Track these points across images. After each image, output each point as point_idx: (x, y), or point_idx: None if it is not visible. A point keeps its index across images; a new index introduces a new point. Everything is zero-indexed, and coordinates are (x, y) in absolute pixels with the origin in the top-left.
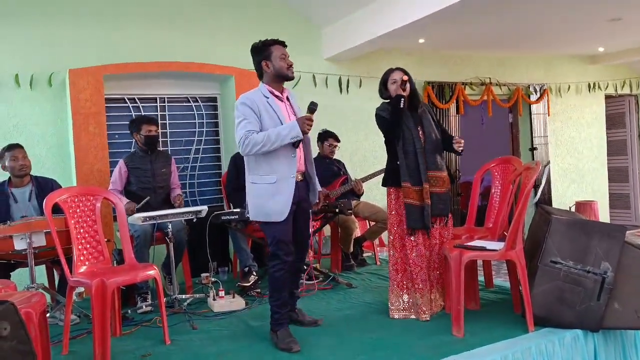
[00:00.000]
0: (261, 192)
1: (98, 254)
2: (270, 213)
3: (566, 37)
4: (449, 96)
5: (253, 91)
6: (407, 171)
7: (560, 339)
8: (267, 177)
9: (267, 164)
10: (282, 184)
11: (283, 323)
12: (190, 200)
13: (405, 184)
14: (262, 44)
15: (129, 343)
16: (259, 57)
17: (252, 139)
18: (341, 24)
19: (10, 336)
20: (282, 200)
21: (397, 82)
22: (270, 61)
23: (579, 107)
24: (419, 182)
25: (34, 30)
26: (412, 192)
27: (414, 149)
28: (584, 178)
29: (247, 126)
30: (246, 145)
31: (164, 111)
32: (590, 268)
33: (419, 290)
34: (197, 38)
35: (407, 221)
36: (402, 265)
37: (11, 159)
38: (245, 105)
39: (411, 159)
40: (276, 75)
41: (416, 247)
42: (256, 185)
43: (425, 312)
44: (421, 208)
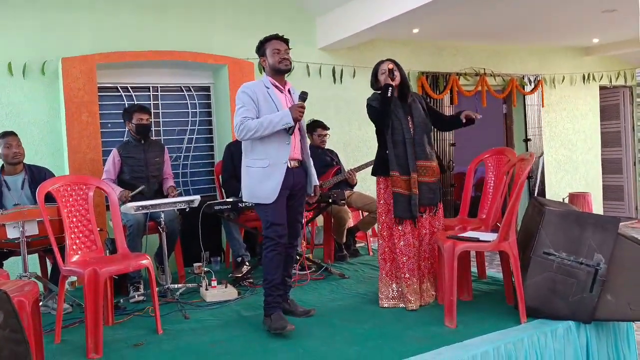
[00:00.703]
0: (254, 175)
1: (91, 243)
2: (261, 195)
3: (561, 28)
4: (442, 86)
5: (256, 81)
6: (396, 160)
7: (552, 331)
8: (260, 161)
9: (262, 149)
10: (274, 169)
11: (276, 307)
12: (182, 189)
13: (393, 173)
14: (259, 42)
15: (121, 332)
16: (258, 53)
17: (246, 125)
18: (335, 14)
19: (2, 325)
20: (272, 184)
21: (385, 72)
22: (265, 57)
23: (573, 98)
24: (407, 171)
25: (27, 18)
26: (400, 182)
27: (402, 138)
28: (578, 169)
29: (244, 113)
30: (241, 130)
31: (157, 100)
32: (583, 260)
33: (405, 280)
34: (191, 27)
35: (395, 210)
36: (390, 255)
37: (5, 146)
38: (245, 94)
39: (400, 149)
40: (272, 69)
41: (404, 237)
42: (250, 168)
43: (411, 301)
44: (408, 197)
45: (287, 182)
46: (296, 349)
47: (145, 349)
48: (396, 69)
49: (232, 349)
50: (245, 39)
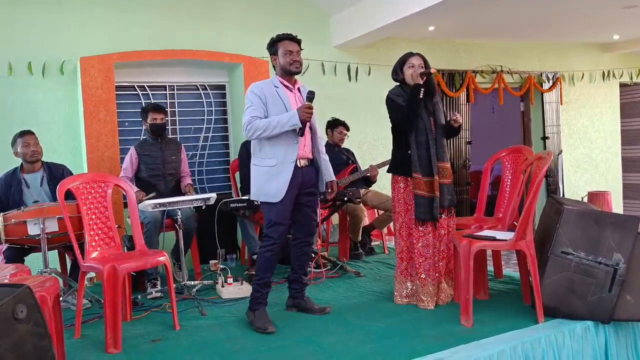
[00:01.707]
0: (261, 174)
1: (109, 240)
2: (267, 193)
3: (580, 24)
4: (459, 84)
5: (265, 80)
6: (419, 162)
7: (570, 330)
8: (267, 160)
9: (270, 148)
10: (281, 168)
11: (262, 303)
12: (199, 187)
13: (416, 175)
14: (272, 40)
15: (139, 328)
16: (270, 52)
17: (254, 125)
18: (350, 12)
19: (26, 319)
20: (279, 183)
21: (414, 67)
22: (277, 56)
23: (593, 95)
24: (429, 173)
25: (47, 18)
26: (423, 183)
27: (426, 139)
28: (597, 168)
29: (252, 112)
30: (249, 130)
31: (174, 99)
32: (602, 259)
33: (421, 281)
34: (207, 26)
35: (416, 212)
36: (407, 254)
37: (23, 145)
38: (254, 93)
39: (423, 150)
40: (283, 70)
41: (423, 238)
42: (257, 167)
43: (424, 301)
44: (431, 200)
45: (296, 181)
46: (312, 346)
47: (163, 345)
48: (422, 64)
49: (248, 345)
50: (261, 37)
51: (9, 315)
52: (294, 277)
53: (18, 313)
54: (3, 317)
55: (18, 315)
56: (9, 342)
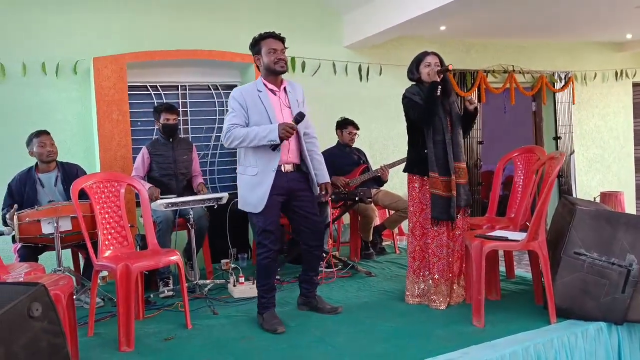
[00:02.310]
0: (243, 184)
1: (122, 239)
2: (250, 203)
3: (593, 23)
4: (470, 84)
5: (248, 85)
6: (436, 161)
7: (583, 332)
8: (249, 168)
9: (252, 157)
10: (262, 177)
11: (269, 306)
12: (210, 187)
13: (432, 174)
14: (254, 39)
15: (151, 326)
16: (252, 52)
17: (233, 133)
18: (362, 12)
19: (41, 317)
20: (260, 193)
21: (430, 65)
22: (260, 56)
23: (605, 95)
24: (446, 172)
25: (60, 19)
26: (439, 183)
27: (443, 138)
28: (610, 168)
29: (232, 120)
30: (227, 137)
31: (185, 99)
32: (615, 260)
33: (435, 281)
34: (218, 26)
35: (433, 211)
36: (420, 254)
37: (39, 145)
38: (234, 99)
39: (440, 149)
40: (267, 70)
41: (437, 238)
42: (241, 176)
43: (435, 301)
44: (448, 199)
45: (280, 188)
46: (323, 346)
47: (176, 343)
48: (438, 63)
49: (260, 344)
50: None
51: (25, 313)
52: (305, 278)
53: (33, 311)
54: (19, 315)
55: (33, 313)
56: (24, 340)
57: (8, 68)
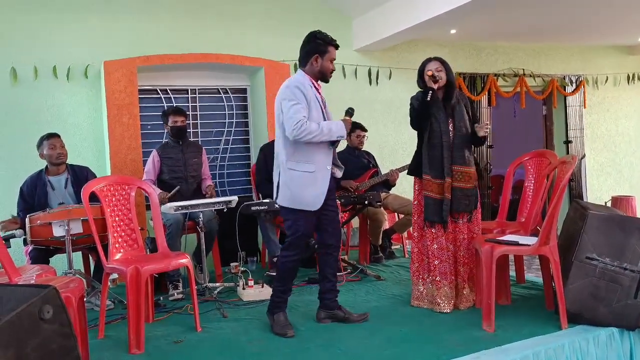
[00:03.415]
0: (298, 180)
1: (132, 242)
2: (305, 202)
3: (604, 27)
4: (480, 88)
5: (301, 77)
6: (429, 164)
7: (595, 337)
8: (305, 165)
9: (307, 153)
10: (319, 175)
11: (282, 307)
12: (220, 190)
13: (425, 177)
14: (324, 39)
15: (161, 329)
16: (314, 49)
17: (307, 126)
18: (372, 15)
19: (52, 319)
20: (317, 191)
21: (431, 71)
22: (322, 59)
23: (617, 99)
24: (440, 175)
25: (71, 23)
26: (432, 185)
27: (440, 142)
28: (622, 172)
29: (300, 111)
30: (301, 130)
31: (195, 102)
32: (628, 265)
33: (436, 283)
34: (228, 30)
35: (425, 213)
36: (419, 256)
37: (49, 147)
38: (299, 90)
39: (436, 152)
40: (318, 73)
41: (437, 240)
42: (294, 172)
43: (439, 304)
44: (440, 202)
45: (328, 188)
46: (333, 349)
47: (186, 346)
48: (442, 69)
49: (269, 348)
50: (281, 41)
51: (36, 316)
52: (329, 287)
53: (44, 313)
54: (30, 317)
55: (44, 315)
56: (35, 342)
57: (20, 72)
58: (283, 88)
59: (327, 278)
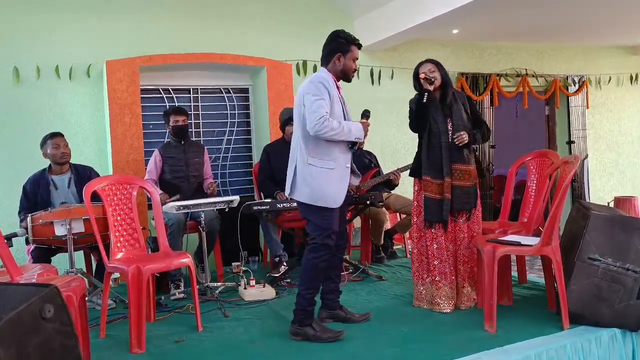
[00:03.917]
0: (319, 176)
1: (134, 241)
2: (325, 198)
3: (607, 27)
4: (482, 88)
5: (325, 75)
6: (428, 164)
7: (597, 338)
8: (327, 162)
9: (329, 150)
10: (340, 172)
11: (312, 315)
12: (221, 190)
13: (425, 177)
14: (346, 38)
15: (162, 328)
16: (336, 47)
17: (329, 123)
18: (374, 15)
19: (53, 318)
20: (340, 188)
21: (424, 74)
22: (345, 58)
23: (620, 99)
24: (439, 175)
25: (73, 22)
26: (432, 186)
27: (439, 142)
28: (624, 173)
29: (323, 106)
30: (323, 126)
31: (197, 102)
32: (630, 266)
33: (435, 283)
34: (230, 30)
35: (425, 214)
36: (418, 257)
37: (53, 146)
38: (323, 86)
39: (435, 153)
40: (341, 72)
41: (436, 240)
42: (316, 168)
43: (439, 304)
44: (440, 202)
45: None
46: (334, 350)
47: (187, 346)
48: (436, 71)
49: (270, 348)
50: (283, 40)
51: (37, 315)
52: (332, 287)
53: (45, 312)
54: (31, 316)
55: (45, 314)
56: (36, 341)
57: (22, 72)
58: (307, 83)
59: (331, 279)
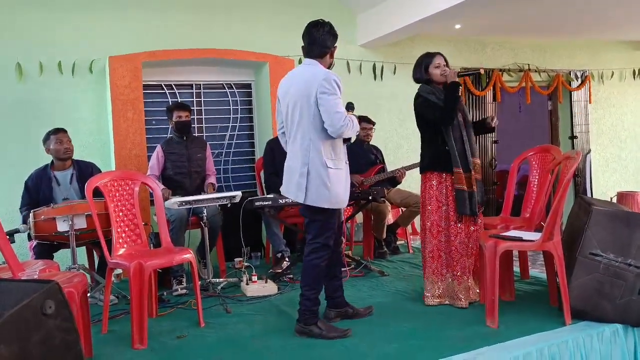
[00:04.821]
0: (336, 178)
1: (136, 237)
2: (341, 200)
3: (610, 22)
4: (485, 83)
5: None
6: (458, 157)
7: (598, 333)
8: (340, 162)
9: (339, 150)
10: (346, 171)
11: (318, 314)
12: (224, 185)
13: (457, 170)
14: (336, 34)
15: (165, 324)
16: (332, 40)
17: (350, 121)
18: (376, 10)
19: (54, 314)
20: (347, 187)
21: (440, 67)
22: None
23: (623, 94)
24: (467, 168)
25: (76, 18)
26: (463, 179)
27: (460, 135)
28: (627, 168)
29: (341, 105)
30: (346, 125)
31: (200, 97)
32: (632, 261)
33: (457, 278)
34: (233, 25)
35: (458, 207)
36: (438, 252)
37: (56, 142)
38: (338, 85)
39: (459, 145)
40: (328, 67)
41: (460, 235)
42: (333, 170)
43: (461, 299)
44: (471, 194)
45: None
46: (336, 346)
47: (189, 341)
48: (446, 63)
49: (272, 343)
50: (286, 36)
51: (38, 311)
52: (338, 285)
53: (47, 308)
54: (32, 312)
55: (47, 310)
56: (37, 337)
57: (25, 68)
58: (318, 80)
59: (337, 276)
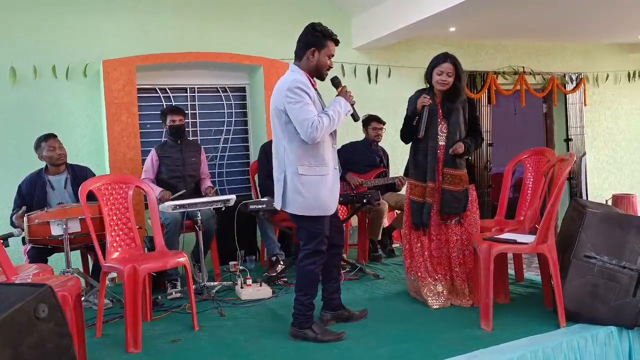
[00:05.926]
0: (312, 185)
1: (130, 241)
2: (321, 207)
3: (605, 25)
4: (480, 86)
5: (299, 76)
6: (414, 167)
7: (593, 336)
8: (317, 168)
9: (317, 154)
10: (332, 177)
11: (312, 318)
12: (219, 189)
13: (410, 180)
14: (322, 32)
15: (159, 328)
16: (311, 41)
17: (321, 123)
18: (371, 13)
19: (47, 318)
20: (334, 194)
21: (442, 75)
22: (319, 53)
23: (617, 97)
24: (423, 179)
25: (70, 22)
26: (414, 188)
27: (426, 146)
28: (622, 170)
29: (311, 109)
30: (315, 129)
31: (194, 101)
32: (626, 263)
33: (420, 279)
34: (227, 28)
35: (411, 217)
36: (410, 252)
37: (48, 149)
38: (303, 90)
39: (421, 156)
40: (314, 69)
41: (420, 239)
42: (307, 177)
43: (427, 300)
44: (421, 205)
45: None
46: (329, 349)
47: (183, 345)
48: (452, 75)
49: (266, 347)
50: (281, 39)
51: (31, 315)
52: (335, 287)
53: (39, 312)
54: (25, 316)
55: (39, 314)
56: (30, 341)
57: (19, 71)
58: (283, 91)
59: (335, 279)
